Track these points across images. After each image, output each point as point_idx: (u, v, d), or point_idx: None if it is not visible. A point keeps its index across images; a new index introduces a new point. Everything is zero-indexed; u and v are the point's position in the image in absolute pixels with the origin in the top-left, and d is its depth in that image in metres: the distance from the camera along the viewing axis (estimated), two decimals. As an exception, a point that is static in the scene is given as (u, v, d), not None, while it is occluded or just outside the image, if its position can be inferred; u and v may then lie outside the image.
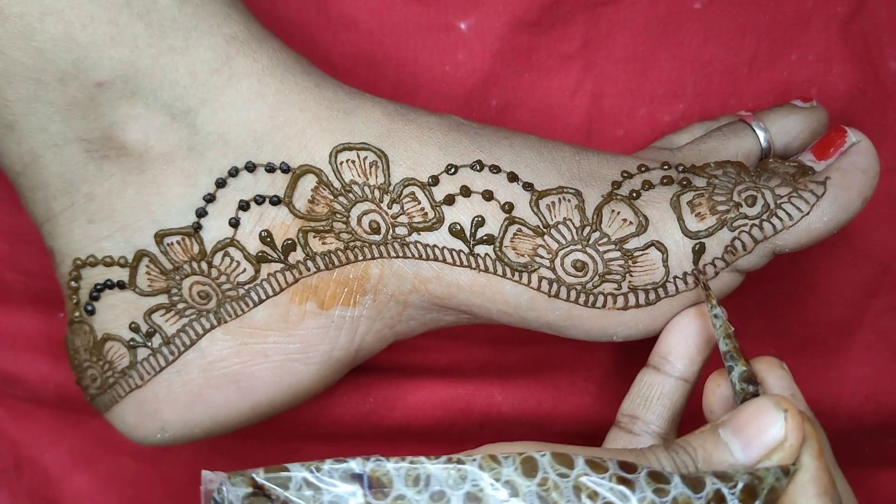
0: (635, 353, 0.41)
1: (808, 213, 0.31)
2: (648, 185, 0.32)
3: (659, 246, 0.32)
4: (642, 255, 0.32)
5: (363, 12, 0.37)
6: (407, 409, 0.40)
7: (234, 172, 0.32)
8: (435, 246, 0.32)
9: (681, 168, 0.33)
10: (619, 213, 0.32)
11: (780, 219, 0.31)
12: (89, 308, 0.34)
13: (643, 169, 0.33)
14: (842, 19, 0.38)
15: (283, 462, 0.43)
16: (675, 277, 0.32)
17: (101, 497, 0.43)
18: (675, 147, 0.36)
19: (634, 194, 0.32)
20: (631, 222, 0.32)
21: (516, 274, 0.32)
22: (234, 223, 0.32)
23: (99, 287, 0.33)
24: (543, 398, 0.41)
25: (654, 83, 0.39)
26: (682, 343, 0.33)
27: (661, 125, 0.39)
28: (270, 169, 0.32)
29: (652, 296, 0.32)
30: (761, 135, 0.36)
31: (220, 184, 0.32)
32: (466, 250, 0.32)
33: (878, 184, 0.37)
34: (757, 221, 0.31)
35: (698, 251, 0.32)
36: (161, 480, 0.43)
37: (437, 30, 0.38)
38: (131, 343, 0.34)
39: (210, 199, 0.32)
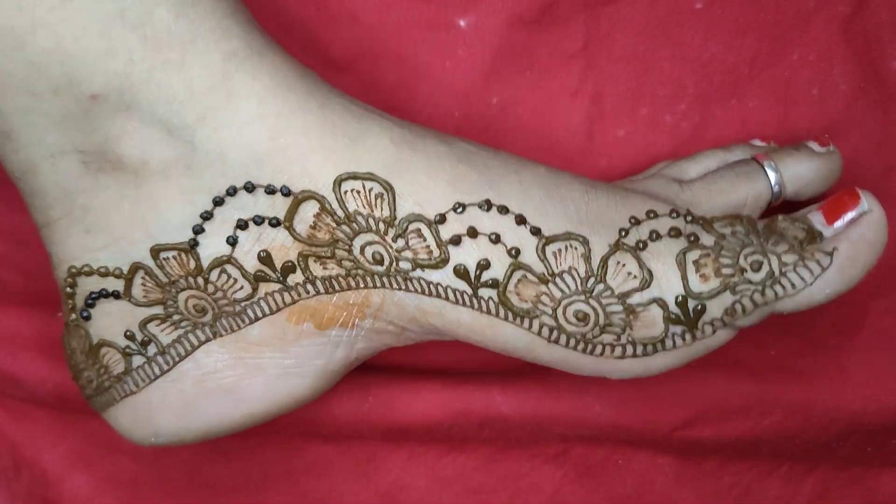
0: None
1: (811, 284, 0.31)
2: (656, 236, 0.32)
3: (661, 303, 0.32)
4: (644, 310, 0.32)
5: (364, 8, 0.37)
6: (407, 409, 0.40)
7: (232, 192, 0.31)
8: (439, 284, 0.32)
9: (689, 218, 0.33)
10: (624, 265, 0.32)
11: (783, 286, 0.31)
12: (85, 314, 0.34)
13: (651, 215, 0.33)
14: (843, 19, 0.38)
15: (283, 462, 0.43)
16: (673, 334, 0.32)
17: (100, 497, 0.43)
18: (685, 178, 0.36)
19: (641, 245, 0.32)
20: (635, 276, 0.32)
21: (518, 319, 0.32)
22: (233, 242, 0.32)
23: (94, 295, 0.33)
24: (543, 398, 0.41)
25: (655, 83, 0.39)
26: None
27: (662, 125, 0.39)
28: (271, 191, 0.31)
29: (650, 349, 0.32)
30: (773, 177, 0.36)
31: (218, 202, 0.31)
32: (470, 292, 0.32)
33: (879, 184, 0.37)
34: (760, 287, 0.31)
35: (699, 311, 0.32)
36: (160, 481, 0.43)
37: (437, 27, 0.38)
38: (126, 350, 0.34)
39: (207, 216, 0.32)
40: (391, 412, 0.40)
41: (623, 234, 0.32)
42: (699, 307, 0.32)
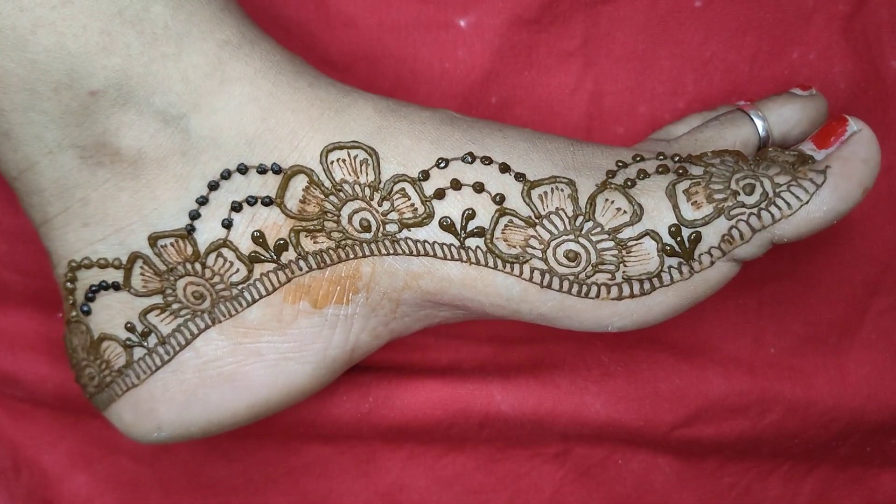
0: (636, 353, 0.41)
1: (807, 202, 0.30)
2: (644, 175, 0.32)
3: (654, 235, 0.31)
4: (636, 244, 0.31)
5: (362, 9, 0.37)
6: (407, 408, 0.40)
7: (226, 175, 0.32)
8: (425, 241, 0.32)
9: (677, 158, 0.33)
10: (612, 202, 0.31)
11: (779, 207, 0.31)
12: (85, 308, 0.34)
13: (638, 159, 0.33)
14: (843, 18, 0.38)
15: (283, 462, 0.43)
16: (669, 267, 0.31)
17: (99, 497, 0.43)
18: (671, 138, 0.36)
19: (629, 183, 0.32)
20: (625, 211, 0.31)
21: (507, 265, 0.32)
22: (227, 224, 0.32)
23: (94, 288, 0.33)
24: (543, 398, 0.41)
25: (655, 81, 0.39)
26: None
27: (661, 123, 0.39)
28: (262, 170, 0.32)
29: (646, 286, 0.32)
30: (759, 124, 0.35)
31: (213, 186, 0.32)
32: (457, 244, 0.32)
33: (879, 183, 0.37)
34: (755, 210, 0.31)
35: (694, 240, 0.31)
36: (160, 481, 0.43)
37: (436, 27, 0.38)
38: (127, 342, 0.34)
39: (203, 201, 0.32)
40: (391, 412, 0.40)
41: (610, 175, 0.32)
42: (693, 235, 0.31)
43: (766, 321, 0.41)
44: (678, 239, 0.31)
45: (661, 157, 0.33)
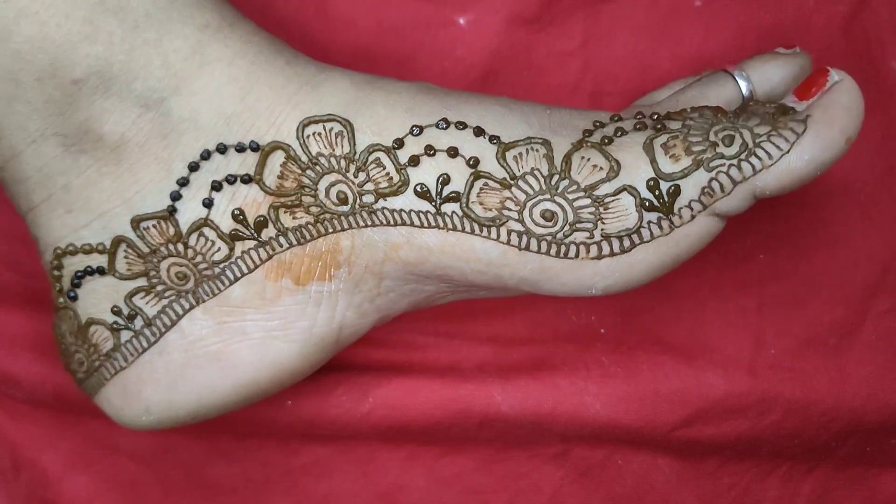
0: (636, 354, 0.41)
1: (788, 152, 0.30)
2: (621, 132, 0.32)
3: (631, 190, 0.31)
4: (613, 200, 0.31)
5: (361, 9, 0.37)
6: (406, 409, 0.40)
7: (206, 155, 0.32)
8: (402, 210, 0.32)
9: (655, 116, 0.32)
10: (589, 159, 0.31)
11: (760, 158, 0.30)
12: (72, 294, 0.34)
13: (616, 118, 0.32)
14: (843, 18, 0.38)
15: (283, 462, 0.43)
16: (648, 222, 0.31)
17: (99, 498, 0.43)
18: (654, 102, 0.35)
19: (606, 140, 0.31)
20: (601, 168, 0.31)
21: (484, 229, 0.31)
22: (208, 204, 0.32)
23: (80, 274, 0.34)
24: (543, 399, 0.41)
25: (654, 82, 0.39)
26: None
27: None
28: (241, 149, 0.32)
29: (626, 243, 0.31)
30: (742, 83, 0.35)
31: (193, 167, 0.32)
32: (433, 210, 0.32)
33: (879, 184, 0.37)
34: (735, 161, 0.30)
35: (673, 193, 0.31)
36: (159, 481, 0.43)
37: (435, 26, 0.38)
38: (114, 326, 0.34)
39: (184, 182, 0.32)
40: (391, 412, 0.40)
41: (587, 133, 0.32)
42: (672, 189, 0.30)
43: (766, 322, 0.41)
44: (656, 193, 0.31)
45: (640, 116, 0.32)
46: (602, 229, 0.31)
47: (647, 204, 0.31)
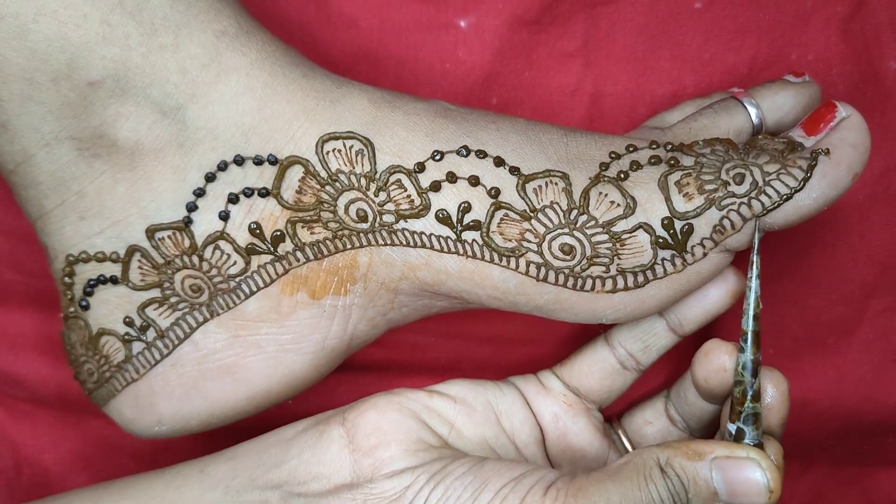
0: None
1: (796, 190, 0.31)
2: (636, 166, 0.32)
3: (647, 228, 0.31)
4: (630, 237, 0.31)
5: (363, 10, 0.37)
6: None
7: (223, 166, 0.32)
8: (422, 233, 0.32)
9: (669, 147, 0.33)
10: (606, 195, 0.32)
11: (769, 196, 0.31)
12: (83, 303, 0.34)
13: (631, 149, 0.33)
14: (841, 19, 0.38)
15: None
16: (662, 259, 0.32)
17: (100, 497, 0.43)
18: (666, 126, 0.36)
19: (622, 175, 0.32)
20: (618, 204, 0.32)
21: (504, 259, 0.32)
22: (224, 216, 0.32)
23: (92, 282, 0.33)
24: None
25: (655, 83, 0.39)
26: (703, 317, 0.34)
27: (661, 125, 0.39)
28: (258, 161, 0.32)
29: (640, 278, 0.32)
30: (752, 111, 0.35)
31: (210, 178, 0.32)
32: (454, 237, 0.32)
33: (877, 185, 0.38)
34: (745, 199, 0.31)
35: (686, 232, 0.31)
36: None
37: (437, 28, 0.38)
38: (126, 337, 0.34)
39: (200, 193, 0.32)
40: (391, 412, 0.40)
41: (603, 167, 0.32)
42: (686, 227, 0.31)
43: (765, 322, 0.41)
44: (671, 231, 0.31)
45: (654, 146, 0.33)
46: (618, 264, 0.32)
47: (661, 241, 0.31)
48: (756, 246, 0.32)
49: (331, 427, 0.33)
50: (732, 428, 0.32)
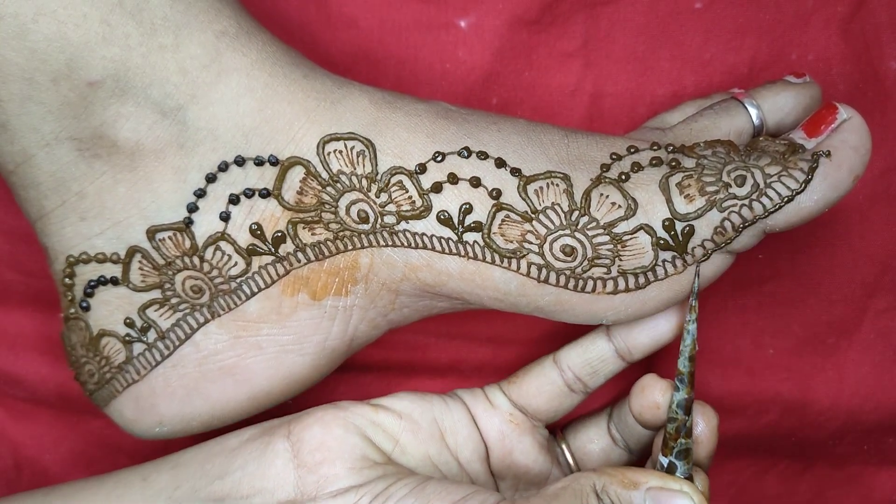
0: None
1: (798, 191, 0.31)
2: (637, 167, 0.32)
3: (648, 230, 0.31)
4: (631, 238, 0.31)
5: (363, 10, 0.37)
6: (407, 409, 0.40)
7: (223, 167, 0.32)
8: (423, 234, 0.32)
9: (670, 148, 0.33)
10: (607, 196, 0.32)
11: (770, 198, 0.31)
12: (84, 304, 0.34)
13: (632, 150, 0.33)
14: (841, 19, 0.38)
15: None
16: (663, 261, 0.32)
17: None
18: (666, 126, 0.36)
19: (623, 177, 0.32)
20: (619, 206, 0.32)
21: (505, 260, 0.32)
22: (225, 217, 0.32)
23: (93, 283, 0.33)
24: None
25: (655, 83, 0.39)
26: (652, 345, 0.34)
27: (661, 125, 0.39)
28: (259, 162, 0.32)
29: (641, 280, 0.32)
30: (753, 112, 0.35)
31: (211, 179, 0.32)
32: (455, 238, 0.32)
33: (878, 185, 0.38)
34: (746, 201, 0.31)
35: (687, 233, 0.31)
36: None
37: (437, 28, 0.38)
38: (127, 338, 0.34)
39: (200, 194, 0.32)
40: (391, 412, 0.40)
41: (604, 168, 0.32)
42: (687, 229, 0.31)
43: (765, 322, 0.41)
44: (672, 233, 0.31)
45: (655, 148, 0.33)
46: (619, 265, 0.32)
47: (662, 243, 0.31)
48: (695, 290, 0.32)
49: (276, 440, 0.33)
50: (665, 461, 0.32)
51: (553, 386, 0.36)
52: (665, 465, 0.32)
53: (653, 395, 0.34)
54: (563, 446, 0.38)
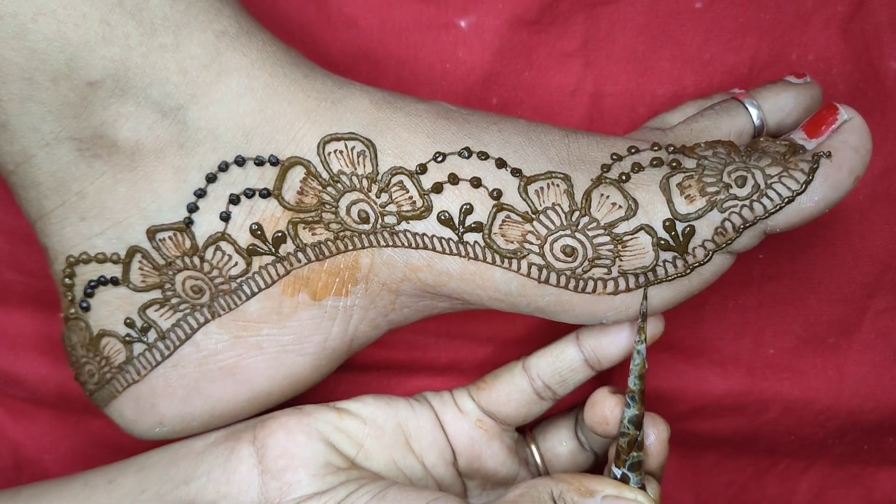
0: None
1: (798, 192, 0.31)
2: (638, 168, 0.32)
3: (648, 230, 0.31)
4: (631, 239, 0.32)
5: (363, 10, 0.37)
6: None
7: (223, 167, 0.32)
8: (424, 234, 0.32)
9: (671, 149, 0.33)
10: (608, 196, 0.32)
11: (771, 199, 0.31)
12: (84, 305, 0.34)
13: (633, 151, 0.33)
14: (842, 19, 0.38)
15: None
16: (664, 261, 0.32)
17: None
18: (667, 127, 0.36)
19: (624, 177, 0.32)
20: (620, 206, 0.32)
21: (506, 261, 0.32)
22: (225, 217, 0.32)
23: (93, 283, 0.33)
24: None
25: (655, 83, 0.39)
26: (620, 356, 0.35)
27: (661, 125, 0.39)
28: (259, 162, 0.32)
29: (642, 280, 0.32)
30: (754, 112, 0.35)
31: (211, 179, 0.32)
32: (455, 238, 0.32)
33: (878, 184, 0.38)
34: (747, 202, 0.31)
35: (688, 234, 0.31)
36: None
37: (437, 27, 0.38)
38: (127, 338, 0.34)
39: (201, 194, 0.32)
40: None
41: (605, 169, 0.32)
42: (687, 229, 0.31)
43: (765, 322, 0.41)
44: (672, 233, 0.31)
45: (656, 148, 0.33)
46: (619, 266, 0.32)
47: (663, 243, 0.31)
48: (644, 312, 0.32)
49: (241, 445, 0.33)
50: (618, 472, 0.33)
51: (522, 393, 0.36)
52: (618, 477, 0.33)
53: (602, 411, 0.34)
54: (533, 447, 0.38)
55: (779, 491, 0.44)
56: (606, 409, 0.34)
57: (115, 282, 0.33)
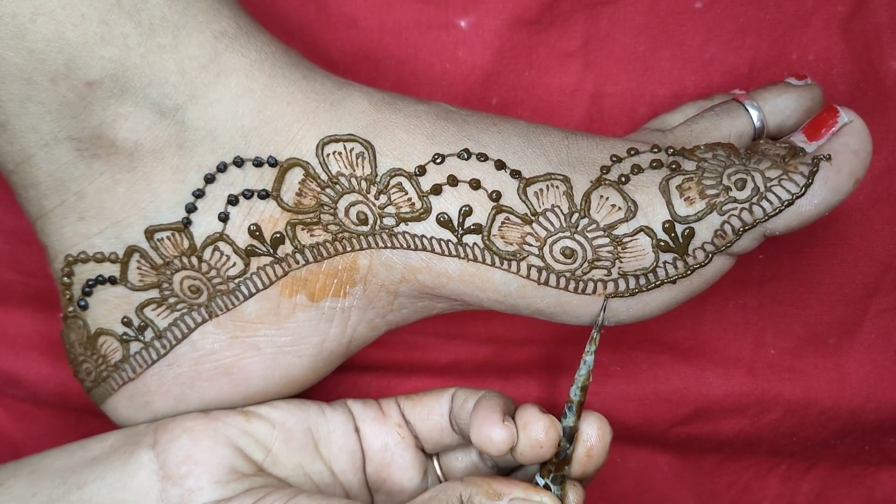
0: (636, 354, 0.41)
1: (798, 195, 0.31)
2: (637, 169, 0.32)
3: (648, 231, 0.31)
4: (631, 240, 0.31)
5: (363, 10, 0.37)
6: (406, 409, 0.40)
7: (222, 168, 0.32)
8: (423, 236, 0.32)
9: (671, 151, 0.33)
10: (607, 198, 0.32)
11: (770, 202, 0.31)
12: (82, 303, 0.34)
13: (633, 152, 0.33)
14: (842, 19, 0.38)
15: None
16: (664, 262, 0.32)
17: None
18: (667, 128, 0.36)
19: (623, 179, 0.32)
20: (619, 208, 0.32)
21: (505, 262, 0.32)
22: (224, 218, 0.32)
23: (91, 282, 0.33)
24: (543, 398, 0.41)
25: (655, 83, 0.39)
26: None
27: (661, 125, 0.39)
28: (258, 163, 0.32)
29: (642, 281, 0.32)
30: (754, 114, 0.35)
31: (209, 179, 0.32)
32: (454, 240, 0.32)
33: (879, 184, 0.38)
34: (747, 205, 0.31)
35: (688, 236, 0.31)
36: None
37: (437, 27, 0.38)
38: (124, 337, 0.34)
39: (199, 194, 0.32)
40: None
41: (604, 170, 0.32)
42: (687, 231, 0.31)
43: (766, 322, 0.41)
44: (672, 235, 0.31)
45: (655, 150, 0.33)
46: (619, 267, 0.32)
47: (662, 245, 0.31)
48: (599, 323, 0.32)
49: (140, 450, 0.33)
50: (541, 482, 0.33)
51: (440, 418, 0.36)
52: (541, 486, 0.33)
53: (535, 433, 0.32)
54: (435, 461, 0.37)
55: (780, 492, 0.44)
56: (541, 433, 0.32)
57: (113, 281, 0.33)
